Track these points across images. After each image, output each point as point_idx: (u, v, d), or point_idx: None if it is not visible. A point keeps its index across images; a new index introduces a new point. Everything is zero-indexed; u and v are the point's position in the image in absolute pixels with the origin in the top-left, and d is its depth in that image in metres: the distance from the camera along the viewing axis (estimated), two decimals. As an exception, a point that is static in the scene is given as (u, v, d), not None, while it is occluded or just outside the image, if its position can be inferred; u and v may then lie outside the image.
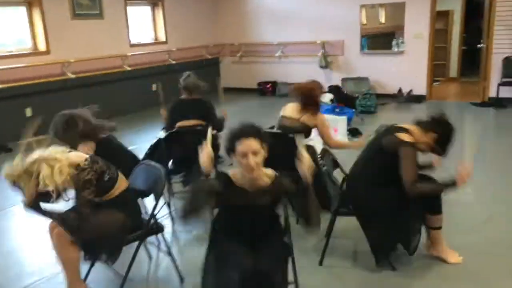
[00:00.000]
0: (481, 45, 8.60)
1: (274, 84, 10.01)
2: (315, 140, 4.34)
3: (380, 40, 9.48)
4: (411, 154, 2.72)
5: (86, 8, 7.67)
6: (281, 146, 3.74)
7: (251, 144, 2.15)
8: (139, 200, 2.92)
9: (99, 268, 2.98)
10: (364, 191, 2.88)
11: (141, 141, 6.34)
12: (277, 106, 4.01)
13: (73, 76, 7.40)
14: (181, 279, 2.93)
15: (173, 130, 4.15)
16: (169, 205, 3.92)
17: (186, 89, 4.41)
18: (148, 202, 3.39)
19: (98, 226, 2.49)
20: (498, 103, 7.65)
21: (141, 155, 3.94)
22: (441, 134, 2.77)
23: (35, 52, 7.11)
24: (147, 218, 2.81)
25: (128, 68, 8.34)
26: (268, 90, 10.00)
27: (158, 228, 2.80)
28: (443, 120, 2.81)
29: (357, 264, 3.05)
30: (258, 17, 9.99)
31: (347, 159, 3.28)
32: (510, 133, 6.25)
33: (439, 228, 2.96)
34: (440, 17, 10.05)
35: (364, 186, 2.89)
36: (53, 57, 7.21)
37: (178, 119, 4.17)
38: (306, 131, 3.79)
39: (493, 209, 3.81)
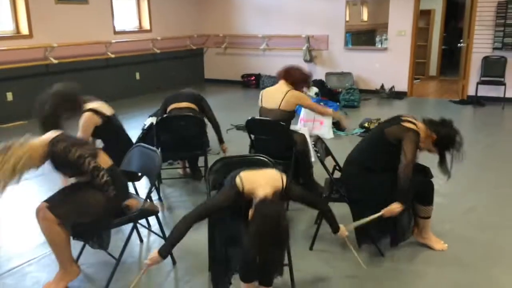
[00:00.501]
0: (461, 44, 8.82)
1: (258, 76, 10.03)
2: (303, 130, 4.42)
3: (361, 37, 9.62)
4: (415, 139, 2.79)
5: (70, -7, 7.54)
6: (271, 134, 3.81)
7: None
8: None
9: (92, 250, 2.98)
10: (358, 176, 2.96)
11: (126, 128, 6.29)
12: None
13: (55, 61, 7.28)
14: (174, 262, 2.94)
15: (164, 116, 4.15)
16: (158, 190, 3.92)
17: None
18: (138, 186, 3.42)
19: (82, 206, 2.50)
20: (477, 101, 7.88)
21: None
22: (442, 137, 2.85)
23: (17, 36, 6.97)
24: (141, 200, 2.83)
25: (112, 56, 8.24)
26: (252, 82, 10.03)
27: (152, 210, 2.80)
28: (449, 126, 2.88)
29: (346, 249, 3.11)
30: (243, 9, 9.99)
31: (338, 148, 3.34)
32: (489, 130, 6.46)
33: (428, 217, 3.06)
34: (422, 16, 10.25)
35: (358, 171, 2.96)
36: (36, 41, 7.08)
37: (170, 103, 4.17)
38: (288, 114, 3.82)
39: (474, 200, 3.95)
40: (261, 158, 2.78)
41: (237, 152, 3.95)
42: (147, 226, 3.34)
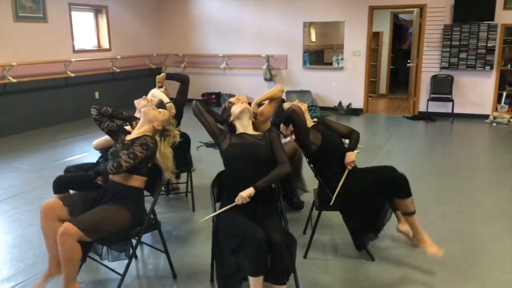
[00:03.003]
0: (410, 64, 9.43)
1: (218, 95, 10.16)
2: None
3: (311, 56, 10.03)
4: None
5: (29, 11, 7.36)
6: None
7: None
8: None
9: (89, 268, 2.95)
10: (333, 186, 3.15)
11: (89, 148, 6.19)
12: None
13: (14, 80, 7.04)
14: (174, 276, 2.96)
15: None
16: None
17: None
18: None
19: (106, 220, 2.50)
20: (428, 116, 8.41)
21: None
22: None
23: (-26, 54, 6.71)
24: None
25: (71, 75, 8.08)
26: (213, 101, 10.13)
27: (155, 224, 2.82)
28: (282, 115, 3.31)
29: (338, 256, 3.27)
30: (203, 29, 10.13)
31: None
32: (442, 143, 6.95)
33: (414, 213, 3.08)
34: (372, 37, 10.83)
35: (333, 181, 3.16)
36: (-6, 59, 6.84)
37: None
38: None
39: (442, 207, 4.23)
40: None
41: (209, 169, 4.00)
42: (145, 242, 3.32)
